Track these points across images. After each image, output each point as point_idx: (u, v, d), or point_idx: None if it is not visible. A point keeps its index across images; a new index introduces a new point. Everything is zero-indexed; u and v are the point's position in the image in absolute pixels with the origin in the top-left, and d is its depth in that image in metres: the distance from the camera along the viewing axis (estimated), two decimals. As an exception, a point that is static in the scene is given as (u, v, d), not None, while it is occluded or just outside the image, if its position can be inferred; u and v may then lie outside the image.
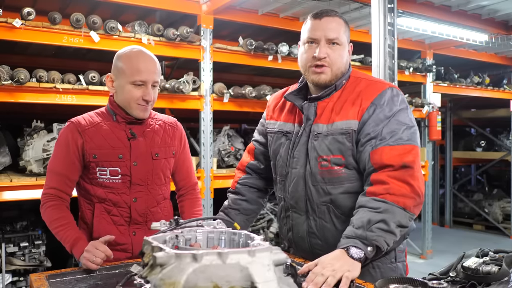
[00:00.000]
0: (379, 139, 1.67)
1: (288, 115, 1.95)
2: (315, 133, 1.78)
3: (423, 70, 6.41)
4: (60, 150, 1.95)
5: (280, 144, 1.93)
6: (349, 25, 1.88)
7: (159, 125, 2.10)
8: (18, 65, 3.80)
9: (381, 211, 1.57)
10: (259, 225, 5.51)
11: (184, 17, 4.73)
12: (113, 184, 1.96)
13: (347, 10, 4.66)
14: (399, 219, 1.58)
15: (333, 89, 1.82)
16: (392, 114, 1.71)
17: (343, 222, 1.74)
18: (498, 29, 5.71)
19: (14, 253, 4.13)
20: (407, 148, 1.66)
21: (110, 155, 1.95)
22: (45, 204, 1.92)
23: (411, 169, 1.64)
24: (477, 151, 9.02)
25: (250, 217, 2.13)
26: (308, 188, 1.80)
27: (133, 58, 1.94)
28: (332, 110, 1.79)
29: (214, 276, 1.07)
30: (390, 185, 1.60)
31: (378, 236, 1.54)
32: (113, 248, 1.94)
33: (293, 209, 1.88)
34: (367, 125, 1.71)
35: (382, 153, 1.65)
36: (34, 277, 1.59)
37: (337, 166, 1.75)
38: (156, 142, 2.05)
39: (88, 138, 1.94)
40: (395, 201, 1.59)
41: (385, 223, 1.56)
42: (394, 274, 1.81)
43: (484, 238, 7.97)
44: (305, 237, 1.85)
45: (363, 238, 1.54)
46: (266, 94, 4.83)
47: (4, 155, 4.08)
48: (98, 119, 2.00)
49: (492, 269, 1.53)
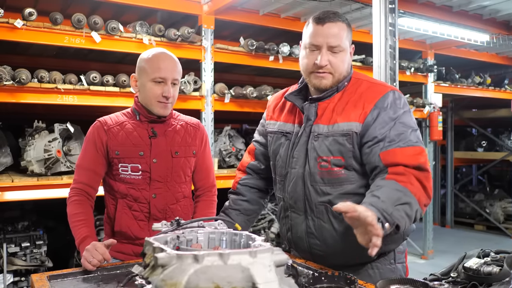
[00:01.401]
0: (387, 141, 1.67)
1: (288, 115, 1.95)
2: (316, 134, 1.78)
3: (424, 70, 6.41)
4: (87, 146, 2.07)
5: (279, 144, 1.93)
6: (351, 27, 1.86)
7: (181, 125, 2.17)
8: (19, 65, 3.81)
9: (408, 195, 1.55)
10: (260, 225, 5.50)
11: (185, 17, 4.74)
12: (134, 180, 2.04)
13: (348, 10, 4.66)
14: (417, 209, 1.57)
15: (335, 91, 1.82)
16: (397, 117, 1.71)
17: (341, 222, 1.73)
18: (500, 29, 5.70)
19: (15, 253, 4.13)
20: (417, 150, 1.67)
21: (132, 152, 2.04)
22: (71, 197, 2.03)
23: (426, 171, 1.64)
24: (478, 151, 9.02)
25: (251, 218, 2.13)
26: (307, 188, 1.80)
27: (153, 58, 2.04)
28: (333, 111, 1.79)
29: (216, 277, 1.07)
30: (409, 177, 1.59)
31: (401, 217, 1.50)
32: (133, 243, 2.06)
33: (292, 209, 1.88)
34: (373, 128, 1.70)
35: (395, 154, 1.65)
36: (36, 277, 1.60)
37: (337, 167, 1.75)
38: (177, 141, 2.12)
39: (112, 136, 2.04)
40: (413, 193, 1.57)
41: (410, 208, 1.54)
42: (393, 275, 1.80)
43: (486, 238, 7.96)
44: (304, 237, 1.85)
45: (389, 213, 1.47)
46: (267, 95, 4.83)
47: (5, 155, 4.09)
48: (123, 119, 2.11)
49: (493, 270, 1.53)
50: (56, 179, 3.78)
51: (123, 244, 2.04)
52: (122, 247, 2.05)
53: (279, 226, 2.06)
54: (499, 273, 1.51)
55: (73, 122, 4.07)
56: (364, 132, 1.71)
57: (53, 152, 3.79)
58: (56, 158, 3.80)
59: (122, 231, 2.04)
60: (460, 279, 1.61)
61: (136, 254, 2.04)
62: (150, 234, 2.04)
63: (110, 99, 4.02)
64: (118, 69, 4.80)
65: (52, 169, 3.85)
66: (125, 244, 2.06)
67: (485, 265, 1.58)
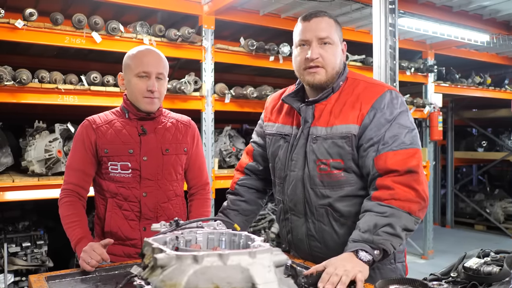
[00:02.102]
0: (381, 144, 1.67)
1: (286, 117, 1.94)
2: (314, 136, 1.78)
3: (425, 70, 6.40)
4: (76, 146, 2.05)
5: (278, 146, 1.93)
6: (340, 25, 1.88)
7: (171, 122, 2.16)
8: (20, 65, 3.81)
9: (387, 215, 1.58)
10: (260, 225, 5.50)
11: (185, 17, 4.74)
12: (124, 179, 2.02)
13: (348, 10, 4.66)
14: (405, 222, 1.60)
15: (330, 92, 1.81)
16: (393, 118, 1.70)
17: (341, 225, 1.75)
18: (500, 30, 5.69)
19: (16, 253, 4.14)
20: (410, 152, 1.66)
21: (121, 149, 2.02)
22: (62, 199, 2.01)
23: (416, 174, 1.64)
24: (478, 151, 9.01)
25: (249, 218, 2.13)
26: (307, 191, 1.80)
27: (137, 54, 2.05)
28: (330, 113, 1.78)
29: (215, 278, 1.08)
30: (395, 190, 1.61)
31: (384, 240, 1.55)
32: (123, 243, 2.02)
33: (292, 212, 1.88)
34: (369, 129, 1.70)
35: (386, 159, 1.65)
36: (34, 278, 1.59)
37: (336, 170, 1.75)
38: (167, 138, 2.10)
39: (101, 134, 2.02)
40: (401, 206, 1.60)
41: (391, 227, 1.57)
42: (394, 274, 1.81)
43: (486, 238, 7.96)
44: (304, 239, 1.86)
45: (370, 241, 1.55)
46: (267, 95, 4.83)
47: (6, 155, 4.09)
48: (112, 117, 2.10)
49: (493, 270, 1.53)
50: (57, 179, 3.78)
51: (113, 245, 1.96)
52: (113, 248, 1.98)
53: (279, 228, 2.05)
54: (499, 273, 1.51)
55: (73, 122, 4.07)
56: (361, 134, 1.71)
57: (53, 152, 3.79)
58: (57, 158, 3.80)
59: (112, 231, 2.01)
60: (460, 279, 1.61)
61: (127, 255, 2.02)
62: (141, 234, 2.04)
63: (111, 99, 4.02)
64: (118, 69, 4.71)
65: (53, 169, 3.85)
66: (116, 246, 2.00)
67: (485, 265, 1.58)
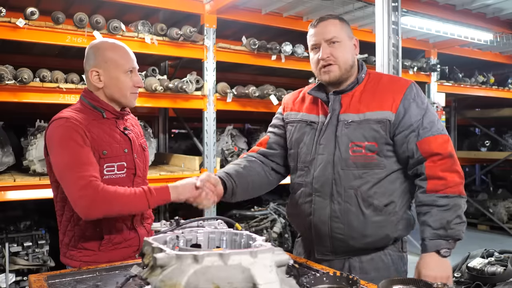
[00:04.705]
0: (421, 129, 1.85)
1: (310, 107, 2.08)
2: (346, 122, 1.92)
3: (427, 69, 6.39)
4: (75, 145, 1.80)
5: (304, 133, 2.04)
6: (347, 22, 2.02)
7: (131, 118, 2.15)
8: (21, 65, 3.81)
9: (451, 207, 1.78)
10: (262, 225, 5.49)
11: (187, 16, 4.73)
12: (119, 179, 1.94)
13: (351, 9, 4.64)
14: (463, 207, 1.81)
15: (355, 83, 1.97)
16: (425, 106, 1.90)
17: (368, 205, 1.87)
18: (503, 28, 5.67)
19: (17, 252, 4.14)
20: (445, 137, 1.87)
21: (117, 150, 1.95)
22: (97, 189, 1.73)
23: (454, 157, 1.85)
24: (481, 151, 8.98)
25: (253, 182, 2.12)
26: (337, 172, 1.90)
27: (120, 48, 1.97)
28: (359, 101, 1.94)
29: (216, 278, 1.06)
30: (447, 179, 1.80)
31: (458, 231, 1.77)
32: (119, 247, 1.96)
33: (317, 193, 1.95)
34: (407, 117, 1.87)
35: (430, 143, 1.84)
36: (33, 278, 1.57)
37: (370, 152, 1.89)
38: (140, 134, 2.13)
39: (95, 136, 1.87)
40: (454, 192, 1.80)
41: (459, 217, 1.78)
42: (402, 263, 1.97)
43: (489, 238, 7.93)
44: (327, 221, 1.92)
45: (448, 237, 1.76)
46: (270, 94, 4.82)
47: (7, 154, 4.09)
48: (88, 117, 1.91)
49: (498, 270, 1.52)
50: (58, 178, 3.76)
51: (110, 251, 1.92)
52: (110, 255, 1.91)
53: (292, 214, 2.10)
54: (503, 273, 1.49)
55: (75, 122, 4.06)
56: (398, 121, 1.87)
57: (54, 152, 3.78)
58: (58, 157, 3.79)
59: (111, 236, 1.92)
60: (464, 279, 1.59)
61: (125, 258, 1.90)
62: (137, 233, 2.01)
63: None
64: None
65: (54, 169, 3.84)
66: (112, 251, 1.94)
67: (489, 265, 1.56)
